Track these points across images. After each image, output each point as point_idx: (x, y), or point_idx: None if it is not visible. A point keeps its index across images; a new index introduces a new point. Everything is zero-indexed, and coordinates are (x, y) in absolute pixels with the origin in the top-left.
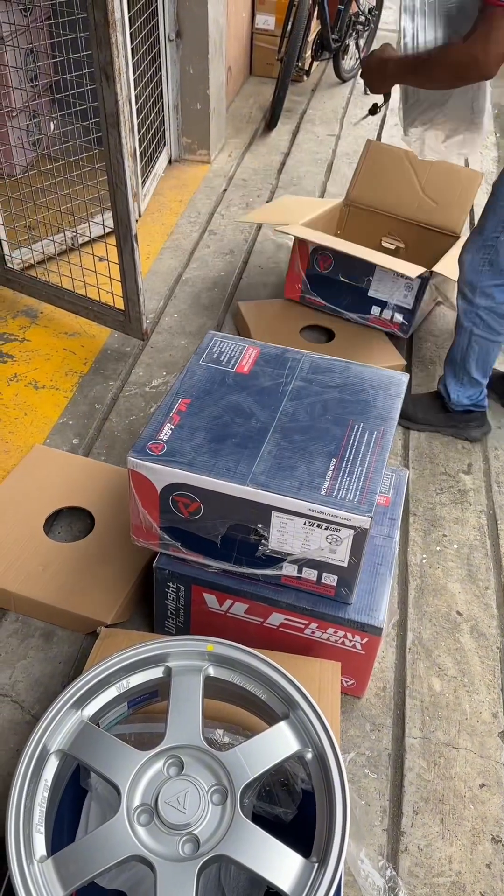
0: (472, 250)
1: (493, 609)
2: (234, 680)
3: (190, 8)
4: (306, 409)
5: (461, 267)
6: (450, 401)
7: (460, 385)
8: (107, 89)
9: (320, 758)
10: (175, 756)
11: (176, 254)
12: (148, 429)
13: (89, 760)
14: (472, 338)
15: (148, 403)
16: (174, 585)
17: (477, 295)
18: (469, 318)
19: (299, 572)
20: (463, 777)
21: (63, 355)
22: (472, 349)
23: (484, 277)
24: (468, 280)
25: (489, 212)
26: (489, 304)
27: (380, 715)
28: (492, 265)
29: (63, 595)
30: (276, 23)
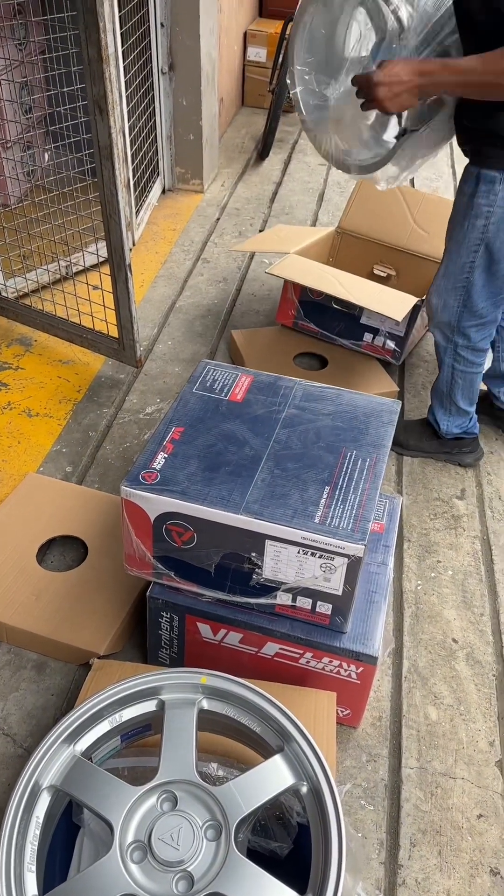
0: (443, 294)
1: (488, 636)
2: (227, 713)
3: (182, 41)
4: (299, 436)
5: (433, 310)
6: (440, 430)
7: (448, 415)
8: (100, 123)
9: (315, 791)
10: (169, 791)
11: (170, 282)
12: (141, 457)
13: (82, 796)
14: (454, 372)
15: (142, 430)
16: (168, 615)
17: (455, 335)
18: (449, 355)
19: (294, 601)
20: (460, 807)
21: (57, 383)
22: (457, 382)
23: (462, 319)
24: (445, 321)
25: (451, 255)
26: (467, 342)
27: (376, 745)
28: (465, 306)
29: (56, 626)
30: (268, 55)
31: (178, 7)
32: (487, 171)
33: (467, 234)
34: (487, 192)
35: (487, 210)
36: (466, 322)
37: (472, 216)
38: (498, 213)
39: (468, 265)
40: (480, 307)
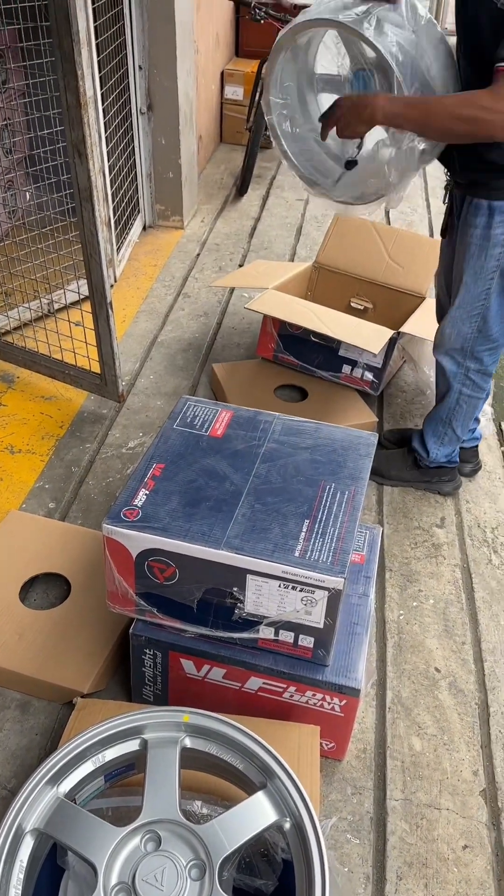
0: (457, 323)
1: (470, 664)
2: (210, 750)
3: (160, 83)
4: (279, 470)
5: (444, 338)
6: (427, 458)
7: (440, 443)
8: (80, 165)
9: (298, 827)
10: (152, 831)
11: (151, 317)
12: (122, 494)
13: (65, 839)
14: (460, 398)
15: (125, 465)
16: (151, 652)
17: (468, 359)
18: (459, 380)
19: (276, 635)
20: (446, 839)
21: (40, 419)
22: (461, 408)
23: (475, 344)
24: (458, 347)
25: (467, 286)
26: (478, 366)
27: (361, 777)
28: (480, 332)
29: (39, 664)
30: (244, 93)
31: (156, 50)
32: (501, 202)
33: (485, 265)
34: (502, 222)
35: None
36: (480, 346)
37: (490, 246)
38: None
39: (485, 293)
40: (495, 331)
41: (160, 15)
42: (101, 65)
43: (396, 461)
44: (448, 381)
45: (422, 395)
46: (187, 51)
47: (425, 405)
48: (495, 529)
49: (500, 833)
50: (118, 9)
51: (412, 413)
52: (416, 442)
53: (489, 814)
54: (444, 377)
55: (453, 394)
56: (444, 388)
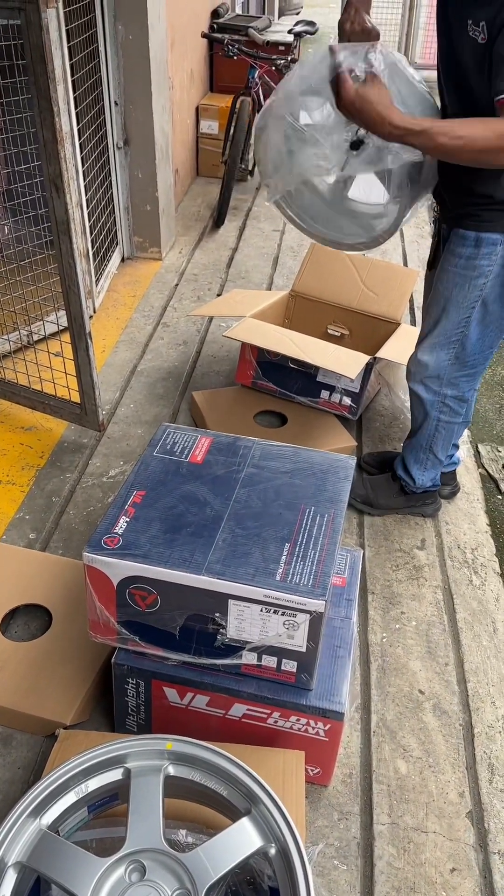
0: (436, 350)
1: (453, 685)
2: (194, 777)
3: (136, 118)
4: (259, 495)
5: (420, 367)
6: (414, 484)
7: (424, 469)
8: (57, 200)
9: (283, 853)
10: (137, 861)
11: (131, 346)
12: (103, 523)
13: (49, 871)
14: (438, 424)
15: (106, 494)
16: (134, 681)
17: (444, 386)
18: (436, 407)
19: (259, 660)
20: (433, 862)
21: (20, 450)
22: (439, 433)
23: (451, 370)
24: (435, 374)
25: (448, 314)
26: (455, 392)
27: (347, 802)
28: (458, 359)
29: (20, 697)
30: (220, 127)
31: (131, 86)
32: (489, 234)
33: (468, 294)
34: (490, 253)
35: (488, 269)
36: (457, 373)
37: (474, 277)
38: (496, 270)
39: (465, 321)
40: (472, 358)
41: (135, 52)
42: (77, 101)
43: (383, 489)
44: (425, 409)
45: (398, 420)
46: (162, 87)
47: (403, 429)
48: (475, 550)
49: (487, 855)
50: (93, 46)
51: (391, 437)
52: (401, 470)
53: (476, 835)
54: (420, 405)
55: (431, 421)
56: (422, 417)
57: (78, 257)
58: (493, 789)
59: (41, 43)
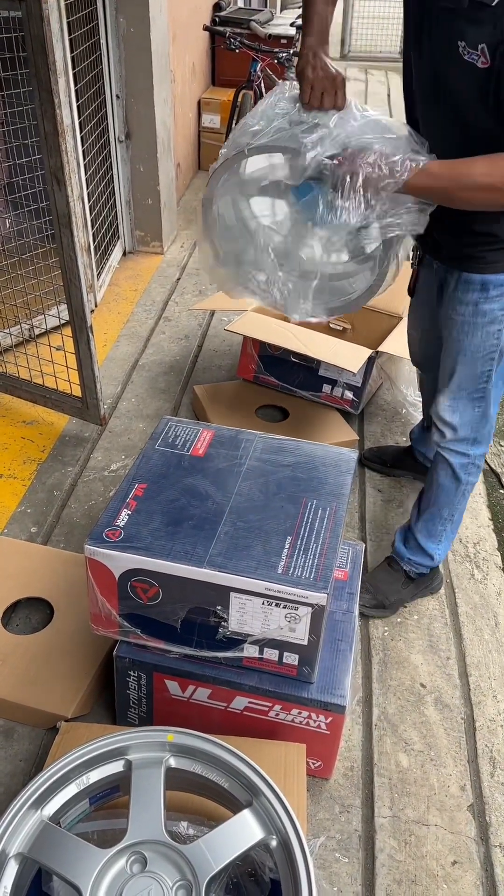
0: (458, 408)
1: (455, 679)
2: (195, 770)
3: (138, 111)
4: (260, 488)
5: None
6: (432, 563)
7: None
8: (58, 192)
9: (285, 844)
10: (138, 852)
11: (132, 340)
12: (104, 515)
13: (50, 862)
14: (466, 489)
15: (107, 488)
16: (135, 674)
17: (473, 447)
18: (467, 470)
19: (260, 653)
20: (434, 855)
21: (21, 444)
22: (465, 499)
23: (481, 427)
24: (464, 436)
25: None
26: (483, 450)
27: (348, 795)
28: (485, 416)
29: (22, 690)
30: (221, 121)
31: (133, 79)
32: (496, 275)
33: (482, 344)
34: (499, 296)
35: (501, 314)
36: (483, 429)
37: (485, 323)
38: None
39: (485, 374)
40: (493, 411)
41: (136, 45)
42: (78, 94)
43: (387, 582)
44: (456, 475)
45: (399, 415)
46: (164, 80)
47: (405, 423)
48: (477, 545)
49: (488, 848)
50: (95, 39)
51: (392, 431)
52: (410, 553)
53: (477, 828)
54: (448, 473)
55: (461, 487)
56: (449, 484)
57: (79, 250)
58: (494, 783)
59: (42, 34)
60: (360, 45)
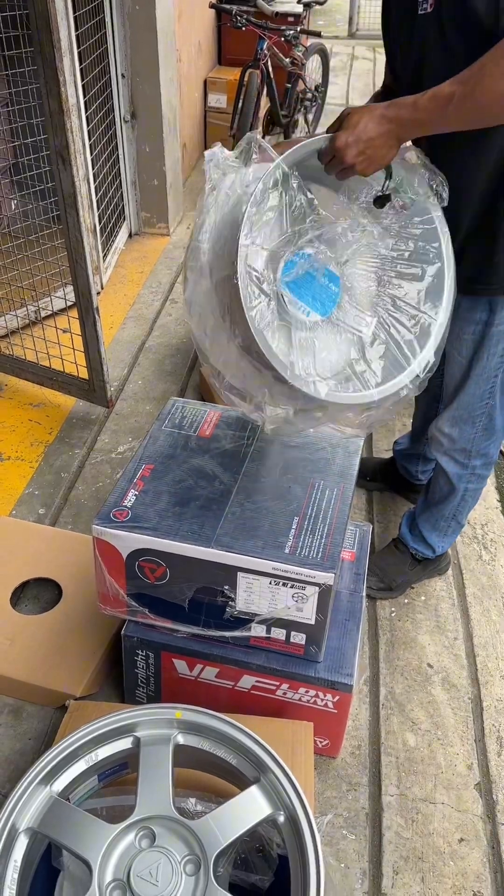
0: (459, 424)
1: (462, 659)
2: (203, 746)
3: (143, 91)
4: (268, 469)
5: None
6: (433, 554)
7: (444, 536)
8: (63, 172)
9: (292, 820)
10: (147, 827)
11: (139, 322)
12: (112, 496)
13: (59, 837)
14: (466, 494)
15: (114, 470)
16: (143, 653)
17: (473, 458)
18: (464, 479)
19: (268, 632)
20: (441, 833)
21: (28, 426)
22: (466, 502)
23: (479, 441)
24: (460, 448)
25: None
26: (485, 461)
27: (356, 774)
28: (486, 430)
29: (31, 669)
30: (228, 101)
31: (138, 58)
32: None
33: (487, 364)
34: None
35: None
36: (485, 442)
37: (492, 345)
38: None
39: (488, 392)
40: (499, 425)
41: (141, 23)
42: (83, 73)
43: (394, 565)
44: (451, 482)
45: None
46: (169, 59)
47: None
48: (485, 526)
49: (495, 825)
50: (100, 17)
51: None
52: (413, 541)
53: (484, 807)
54: (445, 478)
55: (458, 493)
56: (447, 489)
57: (85, 231)
58: (501, 762)
59: (47, 11)
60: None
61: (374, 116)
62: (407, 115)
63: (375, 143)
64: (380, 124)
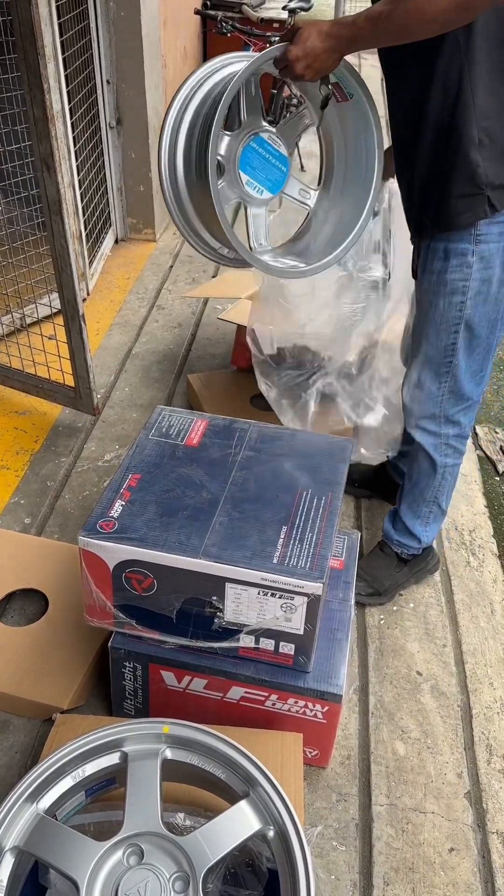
0: (424, 382)
1: (451, 666)
2: (191, 761)
3: (129, 97)
4: (256, 478)
5: (412, 402)
6: (418, 546)
7: (427, 524)
8: (48, 179)
9: (282, 835)
10: (134, 844)
11: (125, 329)
12: (98, 506)
13: (46, 856)
14: (445, 471)
15: (101, 478)
16: (131, 665)
17: (444, 425)
18: (440, 451)
19: (256, 643)
20: (432, 842)
21: (14, 434)
22: (446, 481)
23: (448, 406)
24: (430, 413)
25: (429, 338)
26: (457, 430)
27: (345, 784)
28: (452, 392)
29: (17, 682)
30: None
31: (123, 64)
32: (456, 244)
33: (445, 314)
34: (460, 265)
35: (463, 285)
36: (454, 408)
37: (447, 293)
38: (474, 287)
39: (450, 347)
40: (466, 390)
41: (127, 30)
42: (68, 79)
43: (382, 567)
44: (429, 456)
45: None
46: (155, 65)
47: None
48: (472, 532)
49: (485, 835)
50: (84, 23)
51: None
52: (398, 534)
53: (474, 815)
54: (423, 454)
55: (438, 469)
56: (426, 465)
57: (70, 238)
58: (491, 770)
59: (30, 18)
60: None
61: (321, 34)
62: (346, 33)
63: (321, 56)
64: (325, 41)
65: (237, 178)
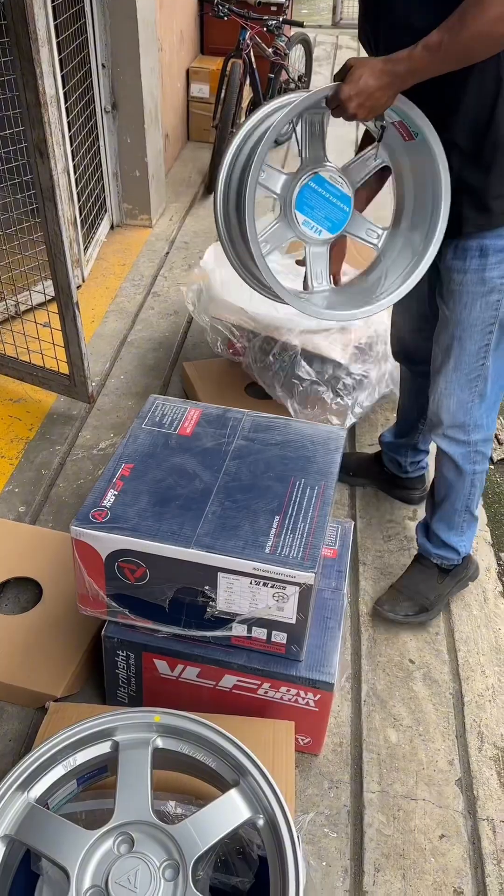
0: (456, 390)
1: (444, 655)
2: (182, 750)
3: (124, 81)
4: (249, 467)
5: (443, 413)
6: (458, 556)
7: (462, 533)
8: (41, 165)
9: (272, 823)
10: (125, 833)
11: (120, 316)
12: (91, 496)
13: (37, 844)
14: (474, 478)
15: (96, 466)
16: (124, 653)
17: (472, 432)
18: (469, 459)
19: (249, 632)
20: (422, 829)
21: (8, 422)
22: (475, 488)
23: (475, 410)
24: (459, 422)
25: (462, 342)
26: (483, 435)
27: (337, 771)
28: (482, 397)
29: (11, 670)
30: (210, 91)
31: (118, 48)
32: (493, 241)
33: (481, 315)
34: (499, 263)
35: (501, 283)
36: (481, 412)
37: (486, 292)
38: None
39: (483, 349)
40: (493, 391)
41: (122, 12)
42: (62, 63)
43: (424, 583)
44: (456, 465)
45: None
46: (150, 48)
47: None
48: None
49: (476, 821)
50: (79, 6)
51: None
52: (435, 548)
53: (465, 802)
54: (450, 462)
55: (466, 477)
56: (453, 475)
57: (64, 224)
58: (482, 757)
59: (22, 1)
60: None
61: (375, 71)
62: (403, 69)
63: (375, 95)
64: (379, 78)
65: (293, 217)
